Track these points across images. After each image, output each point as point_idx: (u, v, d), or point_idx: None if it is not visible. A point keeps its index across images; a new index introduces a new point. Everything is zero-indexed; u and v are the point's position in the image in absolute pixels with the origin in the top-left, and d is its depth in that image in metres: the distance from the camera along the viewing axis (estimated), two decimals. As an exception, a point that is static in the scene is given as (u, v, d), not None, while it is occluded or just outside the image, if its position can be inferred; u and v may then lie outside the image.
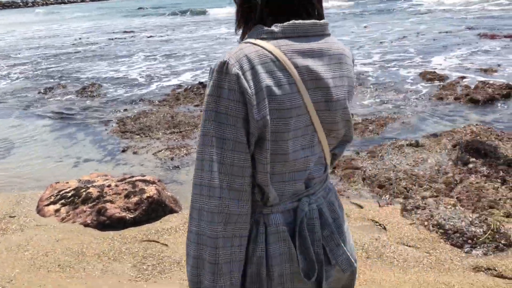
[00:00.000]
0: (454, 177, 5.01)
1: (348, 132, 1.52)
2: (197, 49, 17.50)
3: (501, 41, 14.18)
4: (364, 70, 11.45)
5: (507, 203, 4.44)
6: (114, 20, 37.86)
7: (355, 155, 5.98)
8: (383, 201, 4.76)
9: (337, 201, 1.57)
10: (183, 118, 8.24)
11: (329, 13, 29.04)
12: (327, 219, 1.45)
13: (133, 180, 4.79)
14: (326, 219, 1.44)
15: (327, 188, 1.52)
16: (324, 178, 1.51)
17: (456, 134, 6.23)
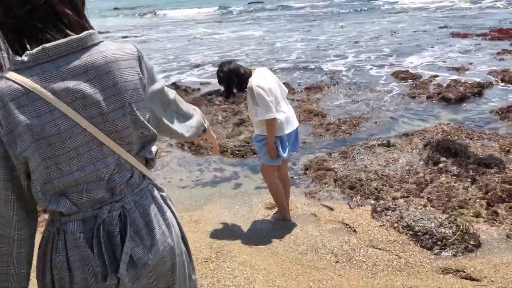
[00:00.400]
0: (424, 177, 4.99)
1: (147, 132, 1.51)
2: (170, 49, 17.30)
3: (473, 39, 14.37)
4: (338, 70, 11.45)
5: (477, 203, 4.44)
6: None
7: (327, 156, 5.92)
8: (354, 203, 4.70)
9: (155, 204, 1.59)
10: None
11: (306, 13, 29.11)
12: (137, 224, 1.49)
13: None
14: (134, 224, 1.49)
15: (141, 193, 1.55)
16: (135, 184, 1.53)
17: (428, 133, 6.23)
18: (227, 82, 3.95)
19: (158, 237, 1.56)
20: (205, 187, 5.50)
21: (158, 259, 1.56)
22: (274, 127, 3.86)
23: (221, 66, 4.00)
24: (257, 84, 3.79)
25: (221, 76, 3.97)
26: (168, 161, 6.39)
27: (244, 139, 6.74)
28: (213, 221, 4.47)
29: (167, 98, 1.67)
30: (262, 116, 3.79)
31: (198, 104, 8.93)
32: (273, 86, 3.92)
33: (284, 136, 3.97)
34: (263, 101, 3.76)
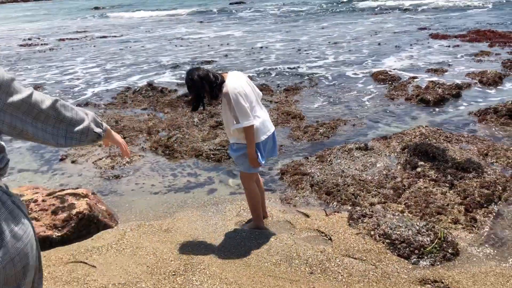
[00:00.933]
0: (402, 182, 4.87)
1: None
2: (149, 49, 16.98)
3: (451, 40, 14.42)
4: (317, 71, 11.33)
5: (455, 209, 4.33)
6: (67, 20, 36.60)
7: (304, 160, 5.77)
8: (330, 209, 4.56)
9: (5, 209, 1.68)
10: (128, 122, 7.83)
11: (290, 13, 29.00)
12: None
13: (63, 194, 4.39)
14: None
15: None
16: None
17: (406, 136, 6.13)
18: (198, 90, 3.70)
19: (8, 240, 1.64)
20: (178, 193, 5.30)
21: (7, 261, 1.63)
22: (253, 134, 3.69)
23: (189, 73, 3.71)
24: (234, 88, 3.60)
25: (190, 85, 3.70)
26: (140, 165, 6.17)
27: (220, 143, 6.55)
28: (184, 230, 4.28)
29: (36, 107, 1.71)
30: (239, 124, 3.60)
31: (174, 105, 8.72)
32: (247, 90, 3.75)
33: (260, 143, 3.81)
34: (241, 107, 3.58)
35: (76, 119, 1.86)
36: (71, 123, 1.84)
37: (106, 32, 24.33)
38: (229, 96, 3.58)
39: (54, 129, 1.80)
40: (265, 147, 3.89)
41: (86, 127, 1.91)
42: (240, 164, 3.92)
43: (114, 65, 14.20)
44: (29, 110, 1.69)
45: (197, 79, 3.64)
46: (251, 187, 4.05)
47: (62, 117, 1.81)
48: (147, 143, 6.94)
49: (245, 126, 3.60)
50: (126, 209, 4.96)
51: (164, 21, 29.92)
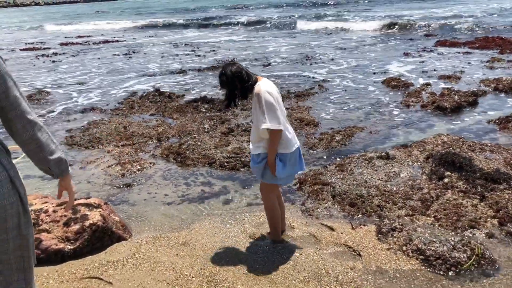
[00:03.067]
0: (429, 193, 4.65)
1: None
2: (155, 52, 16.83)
3: (461, 48, 14.25)
4: (326, 77, 11.14)
5: (488, 222, 4.11)
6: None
7: (322, 169, 5.55)
8: (356, 222, 4.33)
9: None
10: (137, 128, 7.61)
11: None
12: None
13: (75, 205, 4.17)
14: None
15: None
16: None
17: (427, 144, 5.91)
18: (230, 86, 3.52)
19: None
20: (193, 204, 5.06)
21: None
22: (278, 140, 3.48)
23: (223, 68, 3.54)
24: (266, 89, 3.41)
25: (223, 80, 3.52)
26: (151, 173, 5.94)
27: (233, 150, 6.33)
28: (203, 243, 4.05)
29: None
30: (268, 124, 3.38)
31: (183, 111, 8.51)
32: (279, 99, 3.54)
33: (288, 154, 3.59)
34: (272, 108, 3.38)
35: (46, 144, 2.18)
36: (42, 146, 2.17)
37: (109, 36, 24.20)
38: (261, 96, 3.38)
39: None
40: (290, 161, 3.66)
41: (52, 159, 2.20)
42: (261, 174, 3.70)
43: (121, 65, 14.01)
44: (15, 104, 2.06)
45: (229, 74, 3.47)
46: (270, 200, 3.83)
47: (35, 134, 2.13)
48: (157, 149, 6.72)
49: (273, 129, 3.40)
50: (139, 220, 4.73)
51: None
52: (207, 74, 12.69)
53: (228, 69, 3.48)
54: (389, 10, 31.43)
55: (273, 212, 3.89)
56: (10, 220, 2.12)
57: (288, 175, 3.70)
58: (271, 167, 3.57)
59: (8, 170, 2.10)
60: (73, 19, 43.04)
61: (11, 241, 2.15)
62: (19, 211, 2.15)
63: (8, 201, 2.09)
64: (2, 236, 2.12)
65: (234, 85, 3.50)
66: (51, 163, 2.19)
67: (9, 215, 2.11)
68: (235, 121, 7.68)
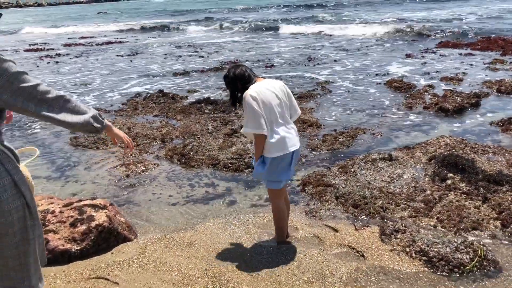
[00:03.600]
0: (432, 194, 4.68)
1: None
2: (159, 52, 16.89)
3: (463, 49, 14.26)
4: (328, 79, 11.17)
5: (491, 224, 4.14)
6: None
7: (326, 170, 5.59)
8: (359, 223, 4.37)
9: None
10: (141, 129, 7.66)
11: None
12: None
13: (81, 205, 4.21)
14: None
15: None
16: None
17: (430, 146, 5.94)
18: (232, 87, 3.67)
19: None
20: (197, 205, 5.10)
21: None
22: (260, 144, 3.56)
23: (228, 70, 3.70)
24: (251, 94, 3.48)
25: (226, 81, 3.70)
26: (156, 174, 5.99)
27: (237, 151, 6.37)
28: (208, 244, 4.09)
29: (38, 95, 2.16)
30: (245, 128, 3.55)
31: (187, 112, 8.56)
32: (272, 101, 3.55)
33: (272, 158, 3.62)
34: (252, 113, 3.46)
35: (77, 110, 2.28)
36: (72, 112, 2.25)
37: (112, 38, 24.27)
38: (245, 100, 3.50)
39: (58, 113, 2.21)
40: (279, 165, 3.68)
41: (85, 120, 2.30)
42: (263, 179, 3.82)
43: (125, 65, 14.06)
44: (31, 96, 2.13)
45: (231, 76, 3.63)
46: (277, 204, 3.89)
47: (64, 108, 2.23)
48: (161, 151, 6.77)
49: (255, 133, 3.51)
50: (144, 221, 4.78)
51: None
52: (210, 75, 12.74)
53: (231, 71, 3.64)
54: (391, 11, 31.46)
55: (279, 214, 3.93)
56: (17, 224, 2.21)
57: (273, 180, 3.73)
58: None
59: (13, 175, 2.18)
60: (75, 21, 43.20)
61: (16, 246, 2.24)
62: (25, 215, 2.24)
63: (13, 205, 2.17)
64: (11, 240, 2.22)
65: (235, 86, 3.64)
66: (89, 122, 2.31)
67: (15, 219, 2.19)
68: (239, 123, 7.72)
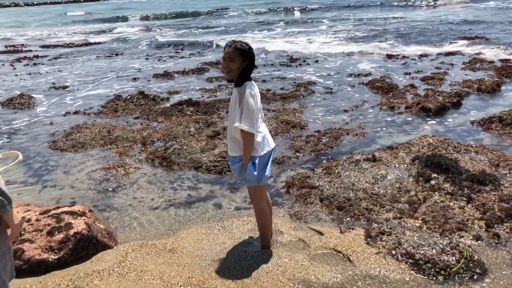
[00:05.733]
0: (417, 195, 4.66)
1: None
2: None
3: (445, 47, 14.38)
4: (311, 79, 11.14)
5: (475, 224, 4.13)
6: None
7: (310, 172, 5.53)
8: (345, 226, 4.32)
9: None
10: (121, 132, 7.50)
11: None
12: None
13: (58, 213, 4.07)
14: None
15: None
16: None
17: (413, 146, 5.94)
18: (250, 64, 3.44)
19: None
20: (179, 209, 4.99)
21: None
22: (251, 143, 3.45)
23: (246, 43, 3.46)
24: (250, 91, 3.38)
25: (246, 50, 3.40)
26: (136, 178, 5.86)
27: (220, 154, 6.27)
28: (190, 250, 3.99)
29: None
30: (243, 125, 3.36)
31: (168, 114, 8.42)
32: (259, 100, 3.51)
33: (260, 156, 3.56)
34: (251, 111, 3.34)
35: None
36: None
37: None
38: (245, 96, 3.34)
39: None
40: (265, 161, 3.62)
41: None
42: (244, 178, 3.64)
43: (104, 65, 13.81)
44: None
45: (253, 53, 3.47)
46: (261, 205, 3.79)
47: None
48: (142, 154, 6.63)
49: (246, 131, 3.37)
50: (125, 226, 4.65)
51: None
52: (192, 77, 12.60)
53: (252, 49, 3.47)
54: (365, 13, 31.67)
55: (264, 217, 3.85)
56: None
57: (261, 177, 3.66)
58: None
59: None
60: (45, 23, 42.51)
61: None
62: None
63: None
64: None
65: (252, 65, 3.47)
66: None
67: None
68: (221, 124, 7.62)
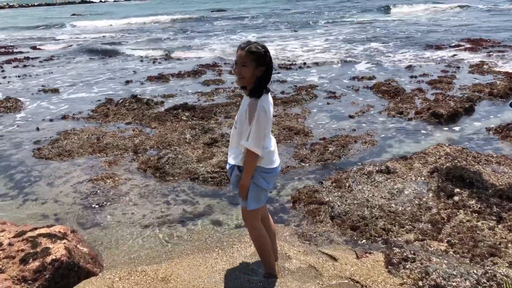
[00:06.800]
0: (439, 213, 4.17)
1: None
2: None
3: (447, 51, 13.96)
4: (313, 82, 10.66)
5: (510, 249, 3.64)
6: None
7: (318, 185, 5.03)
8: (360, 249, 3.82)
9: None
10: (112, 139, 6.98)
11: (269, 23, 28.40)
12: None
13: (35, 235, 3.55)
14: None
15: None
16: None
17: (428, 156, 5.45)
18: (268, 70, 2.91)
19: None
20: (173, 227, 4.48)
21: None
22: (254, 163, 2.96)
23: (262, 45, 2.92)
24: (265, 106, 2.86)
25: (262, 54, 2.86)
26: (127, 190, 5.34)
27: (218, 164, 5.76)
28: (186, 279, 3.48)
29: None
30: (247, 143, 2.87)
31: (162, 119, 7.91)
32: (271, 116, 3.00)
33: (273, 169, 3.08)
34: (261, 129, 2.85)
35: None
36: None
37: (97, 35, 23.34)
38: (258, 112, 2.83)
39: None
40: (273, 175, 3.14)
41: None
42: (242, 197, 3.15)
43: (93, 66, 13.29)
44: None
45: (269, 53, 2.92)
46: (256, 229, 3.27)
47: None
48: (134, 163, 6.11)
49: (251, 149, 2.88)
50: (112, 247, 4.14)
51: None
52: (188, 80, 12.09)
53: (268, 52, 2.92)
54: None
55: (262, 243, 3.33)
56: None
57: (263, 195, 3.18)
58: (243, 189, 3.04)
59: None
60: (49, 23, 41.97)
61: None
62: None
63: None
64: None
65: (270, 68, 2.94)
66: None
67: None
68: (219, 131, 7.12)
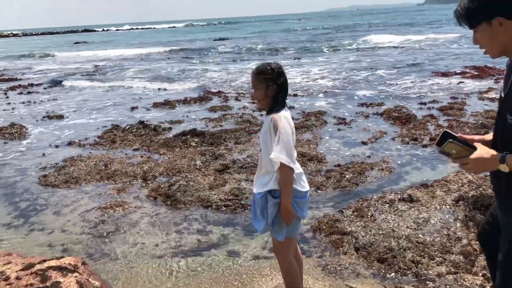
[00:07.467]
0: (470, 244, 3.94)
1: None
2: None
3: (453, 78, 13.90)
4: (321, 108, 10.54)
5: (551, 283, 3.40)
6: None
7: (338, 214, 4.81)
8: (390, 283, 3.58)
9: None
10: (120, 166, 6.79)
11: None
12: None
13: (44, 268, 3.32)
14: None
15: None
16: None
17: (451, 184, 5.25)
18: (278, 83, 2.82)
19: None
20: (187, 258, 4.24)
21: None
22: (291, 180, 2.76)
23: (270, 64, 2.86)
24: (286, 116, 2.76)
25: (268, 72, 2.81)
26: (137, 219, 5.12)
27: (231, 191, 5.56)
28: (206, 315, 3.24)
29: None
30: (280, 155, 2.67)
31: (171, 146, 7.74)
32: (293, 130, 2.85)
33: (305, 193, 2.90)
34: (287, 140, 2.69)
35: None
36: None
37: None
38: (278, 121, 2.69)
39: None
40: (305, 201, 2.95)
41: None
42: (273, 228, 2.91)
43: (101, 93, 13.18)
44: None
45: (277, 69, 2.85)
46: (288, 263, 3.04)
47: None
48: (143, 190, 5.91)
49: (283, 162, 2.68)
50: (124, 281, 3.90)
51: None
52: (194, 106, 11.99)
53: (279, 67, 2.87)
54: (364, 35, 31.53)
55: (293, 276, 3.11)
56: None
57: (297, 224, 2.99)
58: (287, 213, 2.81)
59: None
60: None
61: None
62: None
63: None
64: None
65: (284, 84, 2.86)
66: None
67: None
68: (230, 157, 6.93)
